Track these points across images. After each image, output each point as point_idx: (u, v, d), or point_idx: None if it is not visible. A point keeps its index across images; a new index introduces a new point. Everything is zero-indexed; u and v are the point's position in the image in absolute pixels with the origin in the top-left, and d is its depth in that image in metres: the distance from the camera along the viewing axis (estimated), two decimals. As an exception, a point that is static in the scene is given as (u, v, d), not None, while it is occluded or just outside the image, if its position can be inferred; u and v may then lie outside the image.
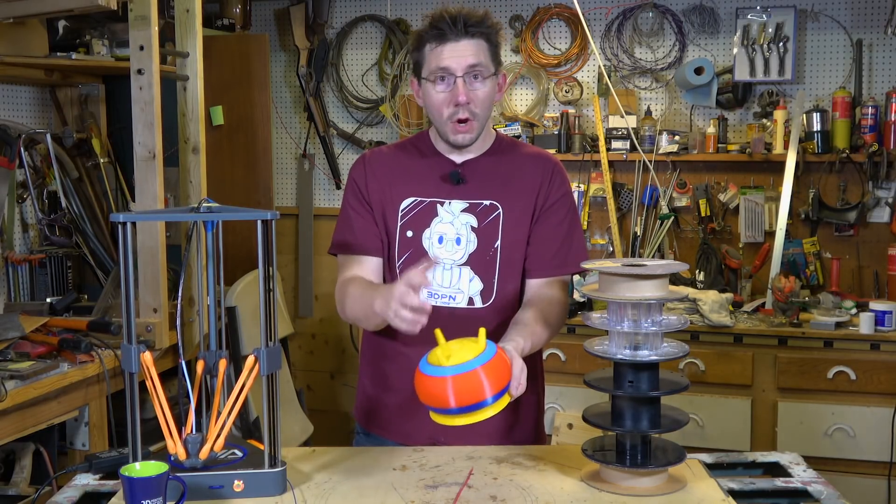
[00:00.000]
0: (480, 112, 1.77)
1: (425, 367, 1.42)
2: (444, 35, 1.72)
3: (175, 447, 1.46)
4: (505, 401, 1.42)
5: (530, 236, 1.83)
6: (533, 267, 1.83)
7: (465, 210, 1.81)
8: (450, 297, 1.79)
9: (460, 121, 1.75)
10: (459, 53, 1.72)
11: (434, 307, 1.76)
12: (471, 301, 1.79)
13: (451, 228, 1.80)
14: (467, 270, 1.80)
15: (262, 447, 1.49)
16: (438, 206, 1.81)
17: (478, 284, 1.80)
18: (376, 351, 1.89)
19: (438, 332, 1.44)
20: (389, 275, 1.84)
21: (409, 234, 1.81)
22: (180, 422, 1.52)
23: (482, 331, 1.46)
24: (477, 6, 1.78)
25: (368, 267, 1.83)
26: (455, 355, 1.39)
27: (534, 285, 1.83)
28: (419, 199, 1.82)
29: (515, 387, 1.46)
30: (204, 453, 1.46)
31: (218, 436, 1.48)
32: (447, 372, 1.37)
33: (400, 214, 1.82)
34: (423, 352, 1.48)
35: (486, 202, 1.81)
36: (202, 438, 1.49)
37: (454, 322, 1.76)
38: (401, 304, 1.46)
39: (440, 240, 1.80)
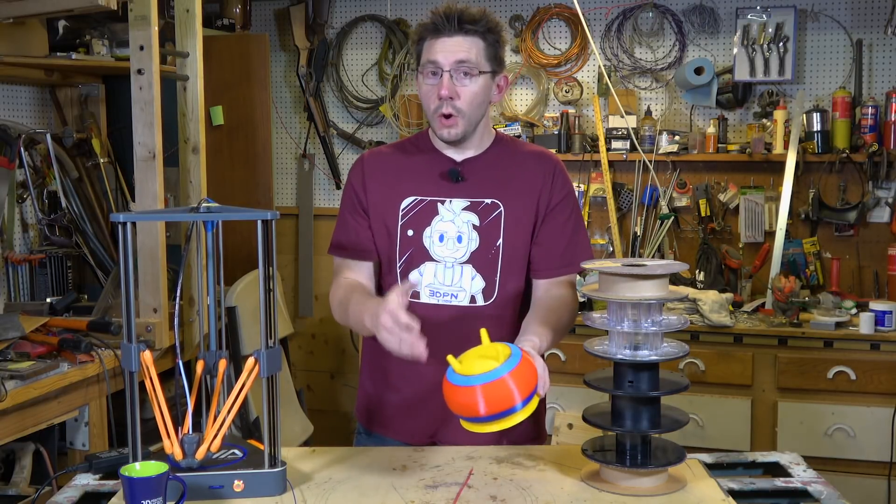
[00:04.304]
0: (466, 109, 1.76)
1: (453, 376, 1.40)
2: (438, 30, 1.74)
3: (171, 447, 1.46)
4: (534, 404, 1.40)
5: (537, 237, 1.82)
6: (541, 267, 1.83)
7: (466, 208, 1.81)
8: (451, 295, 1.79)
9: (445, 115, 1.76)
10: (449, 48, 1.73)
11: (435, 305, 1.78)
12: (472, 299, 1.79)
13: (453, 227, 1.80)
14: (469, 268, 1.79)
15: (262, 447, 1.49)
16: (439, 204, 1.81)
17: (480, 283, 1.79)
18: (377, 350, 1.88)
19: (484, 332, 1.45)
20: (389, 276, 1.84)
21: (410, 233, 1.81)
22: (179, 422, 1.52)
23: (484, 332, 1.46)
24: (477, 6, 1.78)
25: (362, 272, 1.86)
26: (482, 362, 1.37)
27: (543, 285, 1.83)
28: (419, 198, 1.82)
29: (542, 386, 1.45)
30: (200, 453, 1.46)
31: (215, 436, 1.48)
32: (476, 381, 1.35)
33: (400, 214, 1.82)
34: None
35: (488, 200, 1.81)
36: (199, 439, 1.49)
37: (455, 320, 1.77)
38: (390, 316, 1.46)
39: (441, 238, 1.80)
